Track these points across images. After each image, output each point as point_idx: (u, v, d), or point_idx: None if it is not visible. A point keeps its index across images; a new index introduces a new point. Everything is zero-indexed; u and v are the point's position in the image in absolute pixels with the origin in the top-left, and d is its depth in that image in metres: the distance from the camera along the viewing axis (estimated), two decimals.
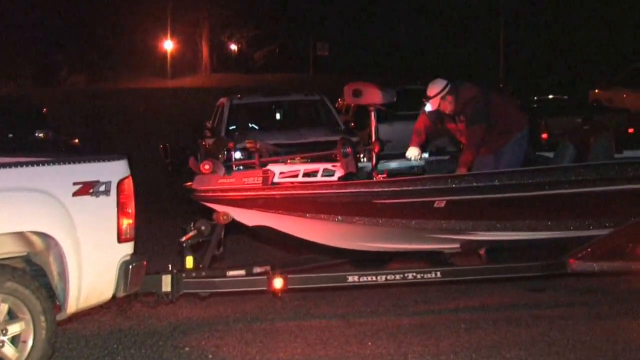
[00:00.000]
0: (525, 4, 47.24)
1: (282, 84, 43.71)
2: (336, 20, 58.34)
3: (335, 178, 8.30)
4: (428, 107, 9.15)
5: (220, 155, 8.40)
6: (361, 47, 57.11)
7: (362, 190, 8.20)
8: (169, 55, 57.41)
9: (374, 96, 8.64)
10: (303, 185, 8.20)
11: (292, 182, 8.23)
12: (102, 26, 54.19)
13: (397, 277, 8.31)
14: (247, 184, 8.18)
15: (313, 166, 8.37)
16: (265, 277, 8.13)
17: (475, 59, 48.00)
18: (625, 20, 43.10)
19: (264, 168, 8.29)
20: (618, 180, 8.62)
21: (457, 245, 8.70)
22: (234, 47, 63.84)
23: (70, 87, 49.94)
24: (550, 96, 21.89)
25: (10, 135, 17.94)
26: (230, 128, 16.53)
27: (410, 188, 8.22)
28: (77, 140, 20.49)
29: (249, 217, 8.30)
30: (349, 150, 8.24)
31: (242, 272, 8.24)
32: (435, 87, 9.03)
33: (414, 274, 8.31)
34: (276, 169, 8.26)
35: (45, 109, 20.56)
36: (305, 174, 8.29)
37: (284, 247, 10.02)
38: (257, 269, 8.31)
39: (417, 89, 19.52)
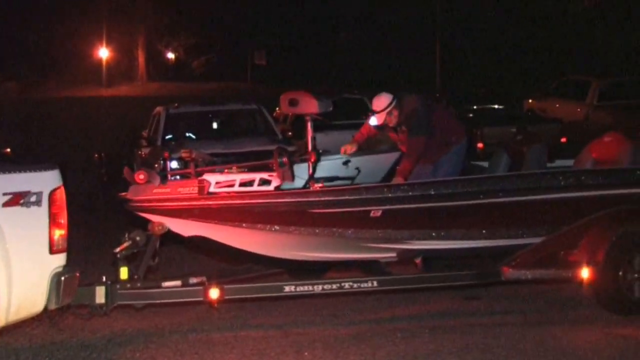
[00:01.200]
0: (461, 16, 47.54)
1: (219, 93, 43.51)
2: (274, 29, 58.16)
3: (271, 188, 8.26)
4: (373, 121, 9.23)
5: (156, 165, 8.35)
6: (299, 56, 57.04)
7: (298, 199, 8.18)
8: (104, 64, 56.77)
9: (310, 105, 8.63)
10: (239, 195, 8.14)
11: (228, 192, 8.17)
12: (35, 33, 53.56)
13: (334, 286, 8.29)
14: (183, 193, 8.11)
15: (249, 176, 8.32)
16: (201, 287, 8.05)
17: (413, 68, 48.18)
18: (559, 32, 43.64)
19: (199, 178, 8.22)
20: (550, 189, 8.72)
21: (393, 255, 8.70)
22: (171, 55, 63.41)
23: (2, 95, 48.92)
24: (491, 106, 22.21)
25: None
26: (167, 137, 16.38)
27: (347, 197, 8.22)
28: (9, 150, 20.09)
29: (185, 228, 8.24)
30: (285, 159, 8.21)
31: (178, 282, 8.16)
32: (382, 102, 9.12)
33: (351, 284, 8.30)
34: (212, 178, 8.20)
35: None
36: (242, 184, 8.24)
37: (221, 258, 9.95)
38: (193, 280, 8.22)
39: (355, 98, 19.90)
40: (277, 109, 21.34)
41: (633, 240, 8.61)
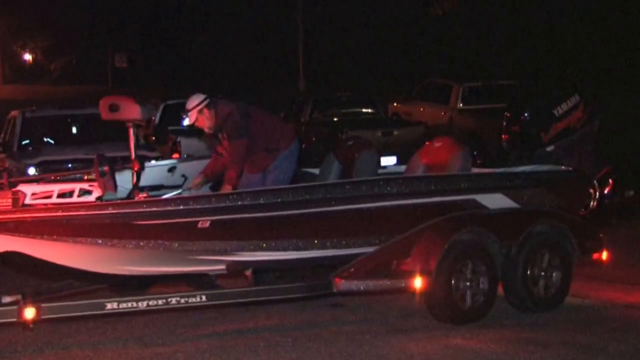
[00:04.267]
0: (324, 17, 47.19)
1: (79, 97, 41.95)
2: (135, 31, 56.71)
3: (92, 198, 7.81)
4: (186, 121, 9.01)
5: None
6: (161, 58, 55.80)
7: (121, 211, 7.77)
8: None
9: (131, 111, 8.24)
10: (57, 206, 7.67)
11: (45, 204, 7.68)
12: None
13: (160, 302, 7.94)
14: None
15: (68, 186, 7.86)
16: (15, 307, 7.50)
17: (273, 71, 47.77)
18: (421, 34, 43.97)
19: (13, 189, 7.68)
20: (381, 197, 8.61)
21: (222, 267, 8.38)
22: (28, 57, 61.30)
23: None
24: (357, 109, 22.15)
25: None
26: (23, 142, 15.63)
27: (172, 208, 7.87)
28: None
29: None
30: (106, 168, 7.79)
31: None
32: (193, 101, 8.91)
33: (178, 299, 7.97)
34: (28, 189, 7.72)
35: None
36: (60, 195, 7.77)
37: (38, 275, 9.38)
38: (6, 299, 7.68)
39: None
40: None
41: (464, 249, 8.56)
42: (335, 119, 20.99)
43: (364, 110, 22.00)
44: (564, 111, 9.49)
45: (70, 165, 13.80)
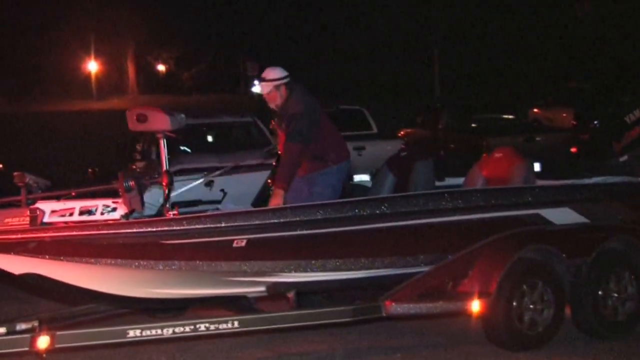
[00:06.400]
0: (458, 26, 46.64)
1: (212, 105, 41.98)
2: (268, 40, 56.69)
3: (117, 216, 7.17)
4: (256, 88, 8.57)
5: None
6: (293, 67, 55.34)
7: (148, 229, 7.14)
8: (93, 77, 55.35)
9: (161, 122, 7.64)
10: (79, 225, 7.08)
11: (65, 222, 7.07)
12: (23, 47, 51.94)
13: (187, 329, 7.26)
14: (12, 225, 6.98)
15: (90, 203, 7.23)
16: (28, 335, 6.89)
17: (410, 76, 47.24)
18: (560, 39, 43.31)
19: (31, 206, 7.08)
20: (436, 212, 7.96)
21: (262, 289, 7.70)
22: (161, 67, 61.82)
23: None
24: (498, 115, 21.52)
25: None
26: None
27: (203, 226, 7.21)
28: (1, 165, 19.00)
29: (15, 264, 7.09)
30: (132, 183, 7.15)
31: (2, 330, 6.98)
32: (275, 73, 8.51)
33: (207, 325, 7.29)
34: (47, 206, 7.15)
35: None
36: (82, 212, 7.14)
37: (58, 298, 8.81)
38: (21, 326, 7.07)
39: (352, 109, 19.28)
40: (272, 120, 20.59)
41: (527, 268, 7.82)
42: (473, 125, 20.37)
43: (503, 116, 21.34)
44: (637, 118, 8.72)
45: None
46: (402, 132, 21.69)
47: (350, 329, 8.41)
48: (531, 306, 7.79)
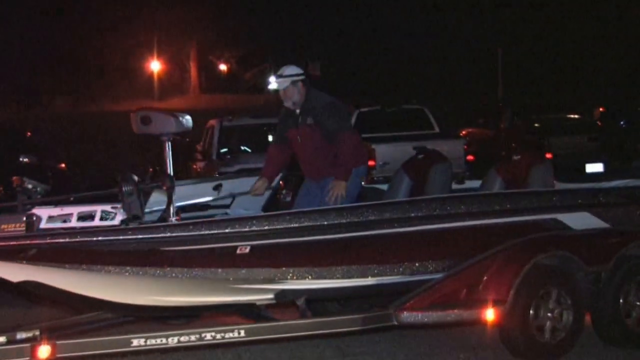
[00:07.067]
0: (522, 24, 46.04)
1: (274, 105, 41.62)
2: (329, 39, 56.29)
3: (116, 222, 6.96)
4: (273, 85, 8.40)
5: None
6: (355, 66, 55.17)
7: (148, 236, 6.93)
8: (155, 77, 55.39)
9: (165, 124, 7.40)
10: (77, 231, 6.87)
11: (63, 228, 6.86)
12: (86, 48, 52.19)
13: (192, 337, 7.04)
14: (7, 231, 6.79)
15: (89, 208, 7.02)
16: (28, 344, 6.69)
17: (471, 77, 46.86)
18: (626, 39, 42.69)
19: (28, 212, 6.88)
20: (451, 217, 7.69)
21: (270, 296, 7.45)
22: (223, 67, 61.35)
23: (55, 111, 47.89)
24: (562, 115, 21.26)
25: None
26: (222, 151, 16.32)
27: (205, 232, 6.97)
28: (63, 165, 19.13)
29: (13, 272, 6.91)
30: (132, 188, 6.93)
31: (2, 339, 6.81)
32: (292, 69, 8.40)
33: (213, 334, 7.07)
34: (44, 212, 6.91)
35: (29, 133, 19.11)
36: (80, 218, 6.93)
37: (60, 306, 8.58)
38: (22, 335, 6.88)
39: (414, 108, 19.18)
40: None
41: (545, 275, 7.53)
42: (536, 125, 20.12)
43: (569, 116, 21.05)
44: None
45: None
46: (463, 132, 21.49)
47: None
48: (548, 314, 7.50)
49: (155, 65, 54.96)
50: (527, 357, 7.47)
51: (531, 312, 7.41)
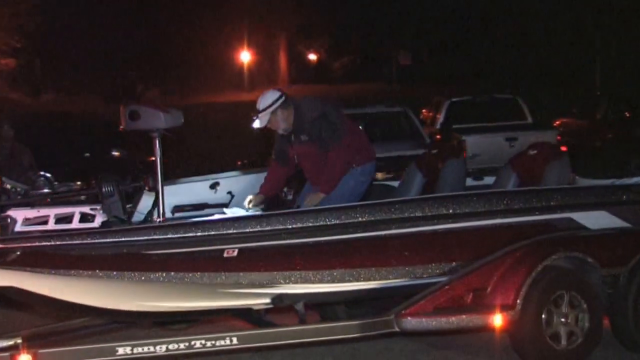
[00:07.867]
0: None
1: (363, 95, 41.56)
2: (420, 28, 55.44)
3: (95, 224, 6.63)
4: (257, 124, 7.84)
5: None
6: (446, 55, 54.43)
7: (129, 238, 6.58)
8: (246, 67, 55.57)
9: (154, 119, 7.04)
10: (54, 234, 6.57)
11: (40, 231, 6.54)
12: (176, 40, 52.39)
13: (182, 345, 6.70)
14: None
15: (67, 210, 6.69)
16: (7, 354, 6.43)
17: (570, 65, 45.94)
18: None
19: (2, 214, 6.57)
20: (458, 216, 7.24)
21: (267, 300, 7.07)
22: (312, 57, 61.27)
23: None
24: None
25: (87, 155, 16.55)
26: None
27: (189, 235, 6.62)
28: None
29: None
30: (112, 189, 6.59)
31: None
32: (266, 100, 7.77)
33: (203, 342, 6.72)
34: (19, 214, 6.59)
35: (121, 127, 19.01)
36: (58, 220, 6.61)
37: (40, 313, 8.29)
38: (2, 343, 6.55)
39: (506, 97, 18.85)
40: (423, 110, 21.05)
41: (557, 278, 7.08)
42: (631, 116, 19.73)
43: None
44: None
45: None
46: (557, 122, 21.01)
47: None
48: (562, 319, 7.06)
49: (245, 56, 55.06)
50: None
51: (543, 317, 6.97)
